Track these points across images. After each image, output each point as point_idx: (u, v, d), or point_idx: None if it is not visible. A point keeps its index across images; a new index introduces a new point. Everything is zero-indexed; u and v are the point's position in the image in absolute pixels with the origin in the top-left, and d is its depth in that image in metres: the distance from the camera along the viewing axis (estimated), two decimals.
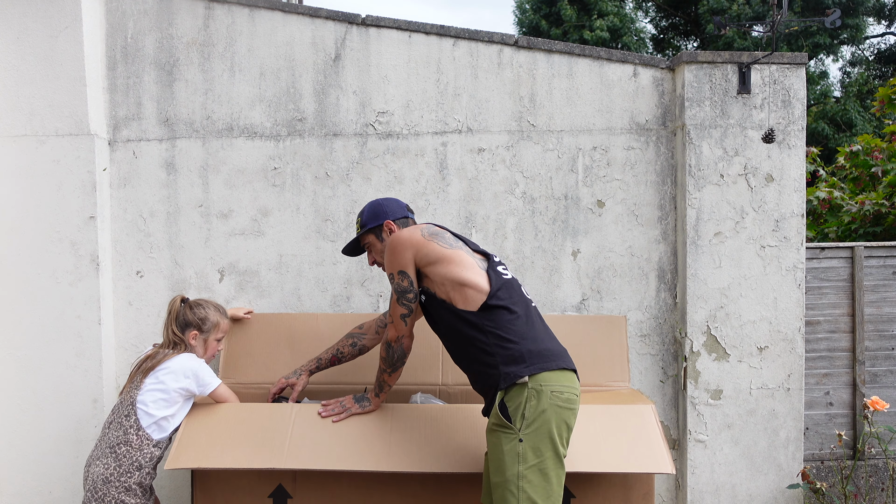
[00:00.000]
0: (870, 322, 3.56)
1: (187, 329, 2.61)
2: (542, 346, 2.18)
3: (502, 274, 2.31)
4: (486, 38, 3.27)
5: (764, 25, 3.21)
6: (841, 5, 12.61)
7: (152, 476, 2.49)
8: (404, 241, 2.31)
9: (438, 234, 2.35)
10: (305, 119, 3.28)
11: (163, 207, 3.27)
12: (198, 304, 2.66)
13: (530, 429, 2.07)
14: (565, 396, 2.12)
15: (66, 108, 3.11)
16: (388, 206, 2.57)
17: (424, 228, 2.36)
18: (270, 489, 2.48)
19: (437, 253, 2.28)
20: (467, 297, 2.23)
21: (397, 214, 2.54)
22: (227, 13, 3.27)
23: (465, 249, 2.33)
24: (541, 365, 2.13)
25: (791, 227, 3.20)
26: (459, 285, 2.24)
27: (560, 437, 2.10)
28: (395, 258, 2.32)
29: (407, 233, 2.34)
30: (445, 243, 2.31)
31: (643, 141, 3.28)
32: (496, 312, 2.20)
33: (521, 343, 2.16)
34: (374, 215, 2.54)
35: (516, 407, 2.09)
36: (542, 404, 2.08)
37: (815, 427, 3.53)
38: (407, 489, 2.47)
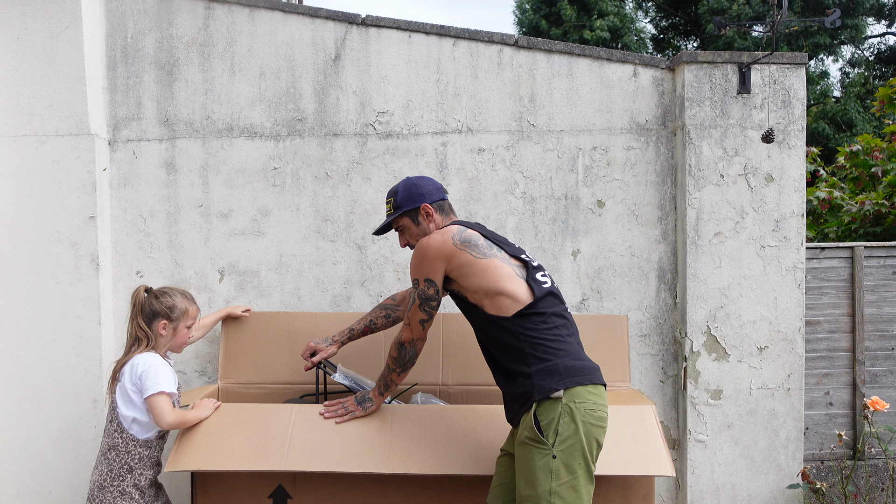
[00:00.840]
0: (870, 322, 3.56)
1: (155, 319, 2.49)
2: (576, 362, 2.14)
3: (542, 283, 2.22)
4: (486, 38, 3.27)
5: (764, 25, 3.21)
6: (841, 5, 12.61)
7: (151, 475, 2.47)
8: (435, 251, 2.22)
9: (471, 240, 2.23)
10: (305, 119, 3.28)
11: (163, 207, 3.27)
12: (163, 292, 2.54)
13: (564, 445, 2.05)
14: (598, 415, 2.10)
15: (66, 108, 3.11)
16: (423, 186, 2.41)
17: (456, 234, 2.24)
18: (270, 489, 2.48)
19: (470, 263, 2.20)
20: (501, 306, 2.17)
21: (434, 196, 2.40)
22: (227, 13, 3.27)
23: (502, 256, 2.23)
24: (575, 379, 2.10)
25: (791, 227, 3.20)
26: (494, 294, 2.17)
27: (591, 454, 2.08)
28: (424, 266, 2.24)
29: (439, 241, 2.23)
30: (479, 252, 2.21)
31: (643, 141, 3.28)
32: (532, 320, 2.15)
33: (557, 356, 2.12)
34: (409, 197, 2.39)
35: (549, 422, 2.07)
36: (576, 421, 2.06)
37: (815, 427, 3.53)
38: (406, 490, 2.47)
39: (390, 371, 2.40)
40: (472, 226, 2.32)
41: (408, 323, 2.31)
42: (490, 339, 2.23)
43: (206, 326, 2.98)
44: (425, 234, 2.34)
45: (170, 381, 2.44)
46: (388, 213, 2.46)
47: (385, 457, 2.34)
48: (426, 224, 2.38)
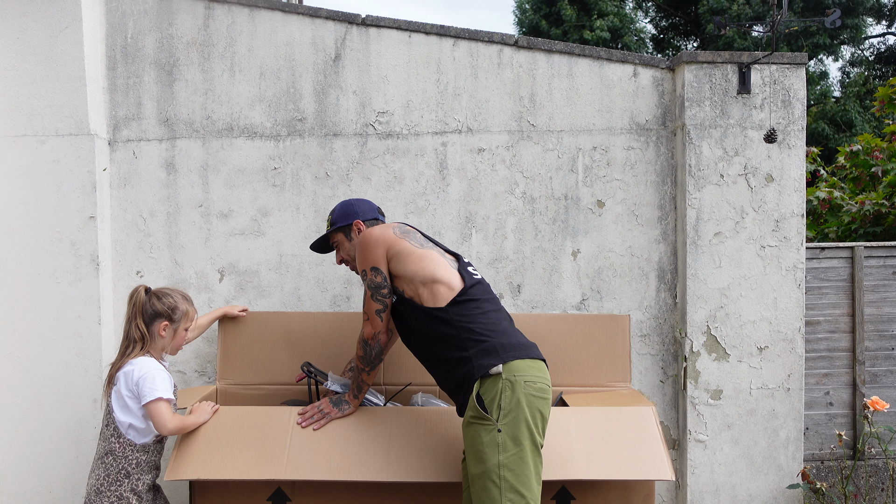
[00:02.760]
0: (870, 322, 3.56)
1: (156, 320, 2.46)
2: (512, 339, 2.21)
3: (473, 275, 2.35)
4: (486, 38, 3.27)
5: (764, 25, 3.21)
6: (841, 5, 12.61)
7: (149, 480, 2.45)
8: (376, 238, 2.35)
9: (410, 233, 2.40)
10: (305, 119, 3.28)
11: (163, 207, 3.27)
12: (164, 293, 2.50)
13: (507, 418, 2.09)
14: (538, 386, 2.15)
15: (66, 108, 3.11)
16: (359, 206, 2.62)
17: (396, 227, 2.40)
18: (269, 493, 2.48)
19: (409, 250, 2.32)
20: (437, 294, 2.26)
21: (367, 216, 2.60)
22: (227, 13, 3.26)
23: (437, 250, 2.38)
24: (513, 354, 2.16)
25: (791, 227, 3.20)
26: (430, 282, 2.27)
27: (536, 426, 2.12)
28: (368, 254, 2.35)
29: (379, 230, 2.38)
30: (416, 242, 2.36)
31: (643, 141, 3.28)
32: (467, 306, 2.24)
33: (493, 336, 2.20)
34: (344, 214, 2.60)
35: (492, 398, 2.11)
36: (517, 394, 2.10)
37: (815, 427, 3.53)
38: (406, 493, 2.47)
39: (359, 371, 2.43)
40: (411, 227, 2.48)
41: (366, 318, 2.37)
42: (428, 335, 2.29)
43: (201, 326, 2.96)
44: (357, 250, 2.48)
45: (167, 386, 2.41)
46: (327, 229, 2.65)
47: (384, 464, 2.33)
48: (357, 240, 2.53)
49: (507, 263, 3.27)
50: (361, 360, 2.41)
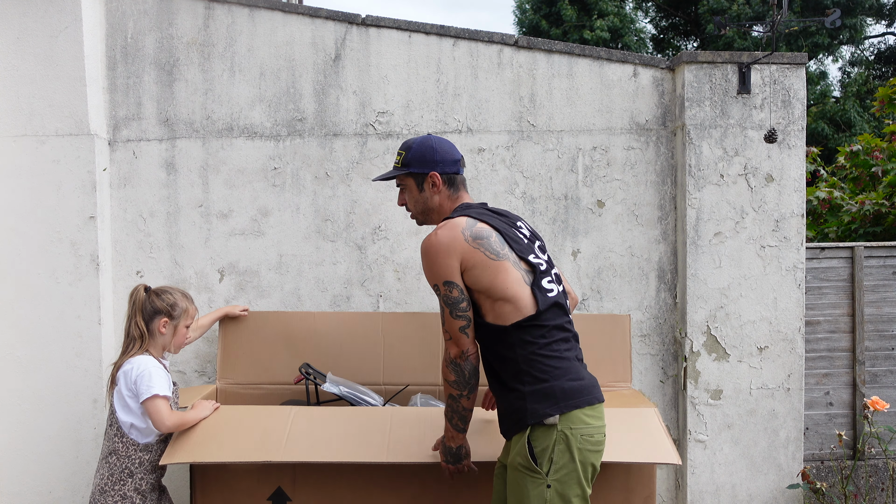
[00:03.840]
0: (870, 322, 3.56)
1: (156, 317, 2.47)
2: (574, 381, 2.00)
3: (548, 292, 2.05)
4: (486, 38, 3.27)
5: (764, 25, 3.21)
6: (840, 5, 12.61)
7: (153, 479, 2.46)
8: (447, 247, 2.02)
9: (483, 236, 2.03)
10: (305, 119, 3.28)
11: (163, 207, 3.27)
12: (163, 290, 2.52)
13: (558, 475, 1.95)
14: (595, 439, 2.00)
15: (66, 108, 3.11)
16: (440, 151, 2.18)
17: (466, 228, 2.04)
18: (270, 491, 2.48)
19: (483, 264, 2.01)
20: (501, 312, 2.02)
21: (447, 168, 2.18)
22: (227, 13, 3.26)
23: (511, 258, 2.04)
24: (572, 402, 1.97)
25: (791, 227, 3.20)
26: (500, 298, 2.01)
27: (587, 480, 1.99)
28: (439, 267, 2.03)
29: (448, 237, 2.03)
30: (492, 252, 2.02)
31: (643, 141, 3.28)
32: (531, 333, 2.00)
33: (553, 375, 1.98)
34: (421, 159, 2.17)
35: (543, 449, 1.96)
36: (572, 450, 1.95)
37: (815, 427, 3.53)
38: (406, 491, 2.47)
39: (456, 399, 2.09)
40: (481, 214, 2.12)
41: (449, 338, 2.06)
42: (485, 346, 2.10)
43: (203, 326, 2.98)
44: (425, 204, 2.20)
45: (163, 383, 2.41)
46: (395, 166, 2.24)
47: (384, 450, 2.33)
48: (430, 194, 2.18)
49: None
50: (455, 385, 2.07)
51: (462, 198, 2.21)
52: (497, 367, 2.07)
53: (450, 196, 2.19)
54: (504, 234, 2.07)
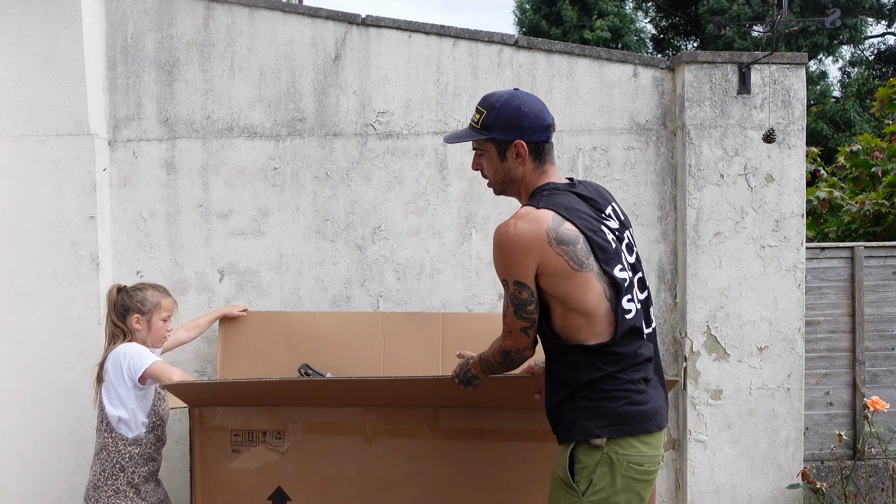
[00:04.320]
0: (870, 322, 3.56)
1: (128, 314, 2.52)
2: (634, 406, 1.82)
3: (626, 313, 1.84)
4: (486, 38, 3.27)
5: (764, 25, 3.21)
6: (840, 5, 12.62)
7: (145, 472, 2.49)
8: (526, 245, 1.78)
9: (570, 241, 1.78)
10: (305, 119, 3.28)
11: (163, 207, 3.27)
12: (135, 288, 2.58)
13: (596, 497, 1.80)
14: (644, 469, 1.82)
15: (66, 108, 3.11)
16: (530, 116, 1.88)
17: (552, 228, 1.78)
18: (269, 491, 2.48)
19: (564, 273, 1.79)
20: (573, 325, 1.83)
21: (536, 135, 1.89)
22: (227, 13, 3.26)
23: (595, 270, 1.81)
24: (624, 428, 1.80)
25: (791, 227, 3.20)
26: (574, 309, 1.82)
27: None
28: (513, 265, 1.81)
29: (530, 234, 1.78)
30: (577, 262, 1.78)
31: (643, 141, 3.28)
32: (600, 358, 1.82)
33: (612, 398, 1.81)
34: (507, 123, 1.89)
35: (584, 468, 1.81)
36: (615, 475, 1.80)
37: (815, 427, 3.53)
38: (407, 492, 2.47)
39: (493, 367, 2.03)
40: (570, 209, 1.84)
41: (508, 330, 1.90)
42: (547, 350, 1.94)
43: (201, 326, 2.99)
44: (507, 175, 1.96)
45: (154, 356, 2.47)
46: (473, 126, 1.95)
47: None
48: (513, 164, 1.93)
49: None
50: (499, 367, 2.00)
51: (548, 172, 1.94)
52: (555, 371, 1.92)
53: (535, 168, 1.93)
54: (591, 241, 1.81)
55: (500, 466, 2.43)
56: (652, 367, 1.92)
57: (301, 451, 2.45)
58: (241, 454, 2.47)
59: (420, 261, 3.27)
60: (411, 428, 2.45)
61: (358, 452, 2.46)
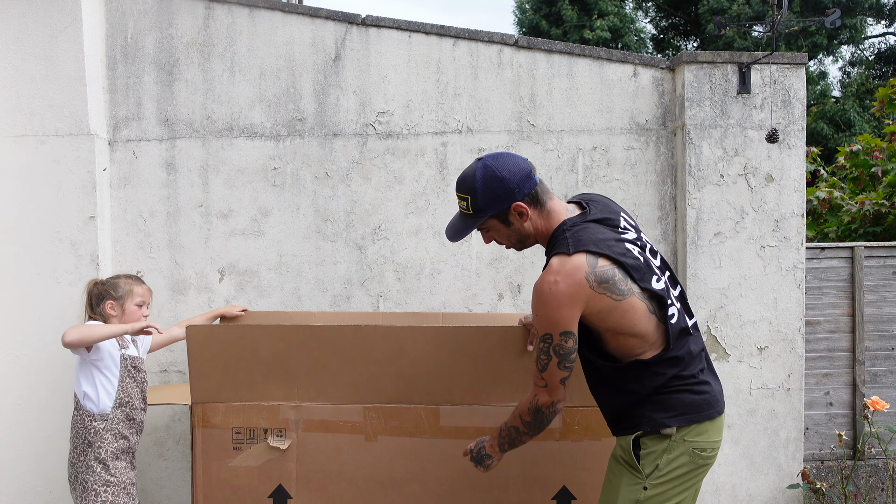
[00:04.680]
0: (870, 322, 3.56)
1: (102, 302, 2.65)
2: (697, 396, 1.86)
3: (671, 318, 1.86)
4: (486, 38, 3.27)
5: (764, 25, 3.21)
6: (840, 5, 12.62)
7: (113, 449, 2.55)
8: (569, 296, 1.77)
9: (608, 278, 1.79)
10: (305, 119, 3.28)
11: (163, 207, 3.27)
12: (110, 278, 2.74)
13: (660, 480, 1.84)
14: (706, 454, 1.87)
15: (66, 108, 3.11)
16: (509, 178, 1.86)
17: (590, 272, 1.78)
18: (271, 489, 2.48)
19: (610, 307, 1.80)
20: (627, 345, 1.85)
21: (525, 188, 1.87)
22: (227, 13, 3.27)
23: (636, 291, 1.82)
24: (690, 417, 1.84)
25: (791, 227, 3.20)
26: (625, 334, 1.84)
27: (689, 492, 1.90)
28: (558, 318, 1.80)
29: (571, 286, 1.77)
30: (618, 293, 1.79)
31: (643, 141, 3.28)
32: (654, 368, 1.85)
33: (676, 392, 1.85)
34: (494, 197, 1.87)
35: (650, 453, 1.85)
36: (681, 461, 1.84)
37: (815, 427, 3.53)
38: (407, 490, 2.47)
39: (520, 433, 1.99)
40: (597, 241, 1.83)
41: (543, 385, 1.88)
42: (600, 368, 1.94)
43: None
44: (519, 235, 1.96)
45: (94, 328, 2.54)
46: (465, 213, 1.95)
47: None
48: (520, 225, 1.92)
49: (507, 263, 3.27)
50: (527, 426, 1.96)
51: (554, 210, 1.93)
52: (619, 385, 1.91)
53: (540, 215, 1.92)
54: (624, 266, 1.81)
55: (500, 465, 2.42)
56: (704, 355, 1.96)
57: (302, 449, 2.46)
58: (242, 452, 2.48)
59: (420, 261, 3.27)
60: (412, 426, 2.46)
61: (359, 450, 2.46)
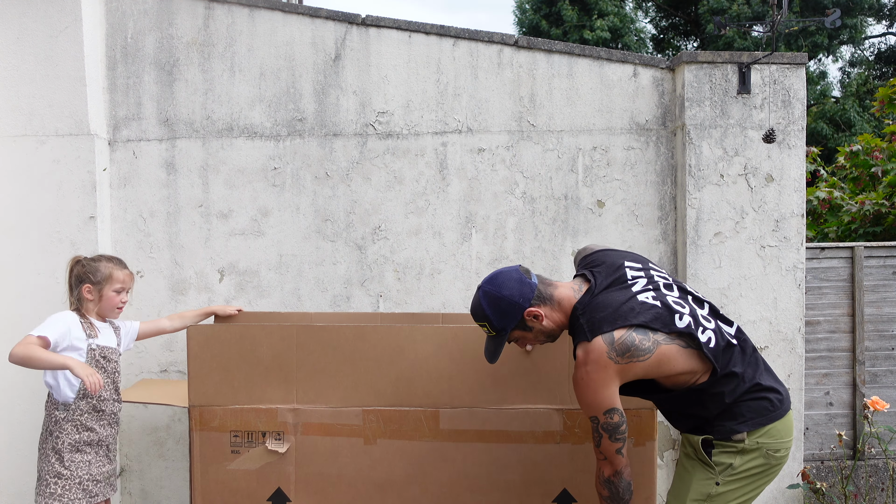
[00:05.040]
0: (870, 322, 3.56)
1: (80, 284, 2.60)
2: (759, 399, 1.92)
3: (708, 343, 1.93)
4: (486, 38, 3.27)
5: (764, 25, 3.21)
6: (840, 5, 12.62)
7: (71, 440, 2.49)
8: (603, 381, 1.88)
9: (630, 347, 1.87)
10: (305, 119, 3.28)
11: (163, 207, 3.27)
12: (90, 259, 2.65)
13: (733, 478, 1.91)
14: (780, 454, 1.93)
15: (66, 108, 3.11)
16: (509, 295, 2.02)
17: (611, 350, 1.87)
18: (269, 492, 2.48)
19: (641, 370, 1.89)
20: (678, 382, 1.95)
21: (527, 293, 2.02)
22: (227, 13, 3.26)
23: (661, 339, 1.89)
24: (760, 420, 1.91)
25: (791, 227, 3.20)
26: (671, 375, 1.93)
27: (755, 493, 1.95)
28: (600, 401, 1.89)
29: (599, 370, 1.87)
30: (643, 353, 1.87)
31: (643, 141, 3.28)
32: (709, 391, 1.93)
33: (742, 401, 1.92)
34: (504, 314, 2.02)
35: (724, 451, 1.92)
36: (757, 462, 1.91)
37: (815, 427, 3.53)
38: (407, 493, 2.47)
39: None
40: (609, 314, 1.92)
41: (603, 458, 1.97)
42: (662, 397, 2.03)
43: (186, 318, 2.93)
44: (544, 332, 2.07)
45: (57, 330, 2.47)
46: (491, 335, 2.09)
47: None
48: (540, 326, 2.04)
49: (507, 263, 3.27)
50: (608, 500, 2.01)
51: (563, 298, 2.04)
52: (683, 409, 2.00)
53: (553, 308, 2.04)
54: (641, 325, 1.89)
55: (500, 468, 2.42)
56: (757, 357, 2.01)
57: (301, 452, 2.45)
58: (240, 455, 2.47)
59: (420, 261, 3.27)
60: (411, 429, 2.45)
61: (358, 454, 2.46)
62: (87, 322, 2.58)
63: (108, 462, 2.59)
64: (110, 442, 2.61)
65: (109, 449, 2.61)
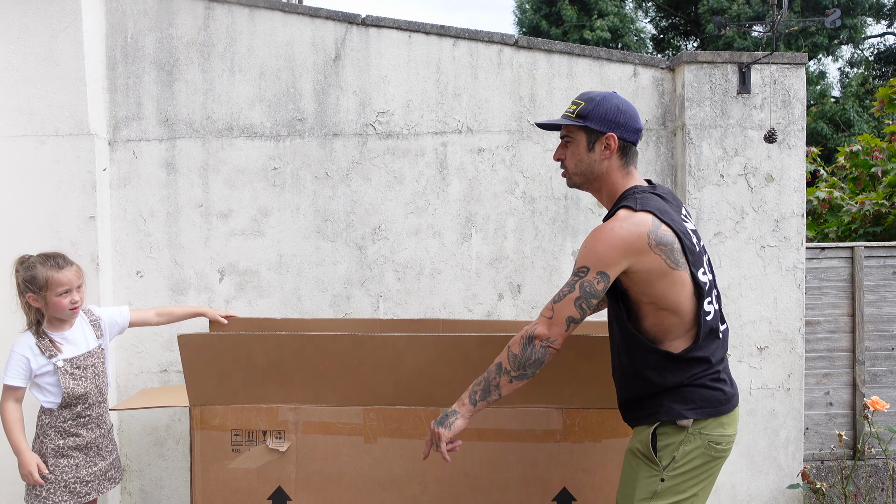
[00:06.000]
0: (870, 322, 3.56)
1: (24, 294, 2.44)
2: (715, 391, 1.91)
3: (706, 315, 1.90)
4: (486, 38, 3.27)
5: (764, 25, 3.21)
6: (840, 5, 12.62)
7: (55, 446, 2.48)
8: (625, 243, 1.81)
9: (668, 244, 1.83)
10: (305, 119, 3.28)
11: (163, 207, 3.27)
12: (28, 264, 2.45)
13: (676, 472, 1.89)
14: (721, 447, 1.93)
15: (66, 108, 3.11)
16: (625, 116, 1.94)
17: (653, 231, 1.82)
18: (270, 491, 2.48)
19: (661, 270, 1.83)
20: (663, 323, 1.88)
21: (628, 134, 1.95)
22: (227, 13, 3.26)
23: (687, 270, 1.86)
24: (710, 410, 1.90)
25: (791, 227, 3.20)
26: (667, 308, 1.86)
27: (705, 484, 1.95)
28: (605, 255, 1.82)
29: (632, 233, 1.81)
30: (672, 260, 1.83)
31: (643, 141, 3.28)
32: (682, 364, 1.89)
33: (695, 387, 1.89)
34: (603, 116, 1.93)
35: (668, 445, 1.90)
36: (697, 453, 1.89)
37: (815, 427, 3.53)
38: (407, 492, 2.47)
39: (501, 372, 1.92)
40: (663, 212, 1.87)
41: (549, 316, 1.87)
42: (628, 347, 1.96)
43: (173, 315, 2.84)
44: (590, 167, 1.99)
45: (17, 372, 2.43)
46: (568, 115, 2.00)
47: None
48: (599, 157, 1.96)
49: (507, 263, 3.27)
50: (512, 361, 1.90)
51: (633, 174, 1.99)
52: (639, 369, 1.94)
53: (620, 167, 1.97)
54: (683, 243, 1.86)
55: (500, 467, 2.42)
56: (725, 364, 2.01)
57: (301, 451, 2.45)
58: (241, 454, 2.47)
59: (420, 261, 3.27)
60: (411, 428, 2.45)
61: (358, 452, 2.46)
62: (46, 341, 2.46)
63: (100, 460, 2.56)
64: (100, 442, 2.57)
65: (101, 448, 2.57)
